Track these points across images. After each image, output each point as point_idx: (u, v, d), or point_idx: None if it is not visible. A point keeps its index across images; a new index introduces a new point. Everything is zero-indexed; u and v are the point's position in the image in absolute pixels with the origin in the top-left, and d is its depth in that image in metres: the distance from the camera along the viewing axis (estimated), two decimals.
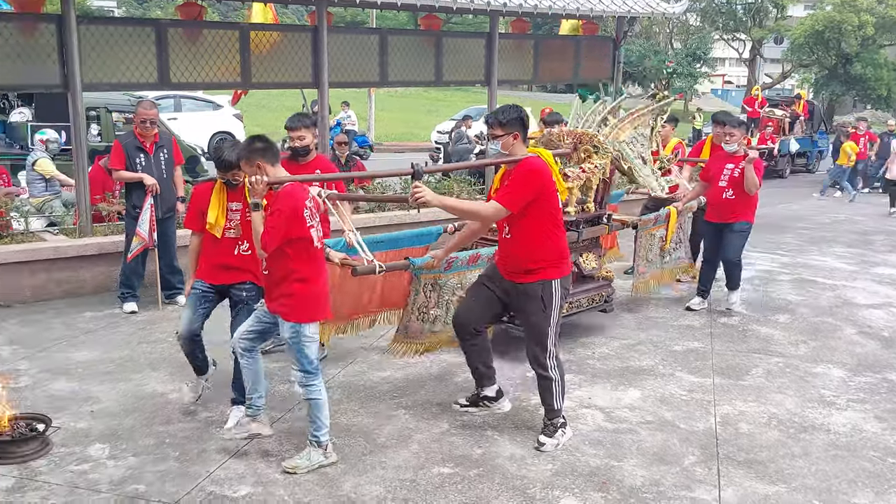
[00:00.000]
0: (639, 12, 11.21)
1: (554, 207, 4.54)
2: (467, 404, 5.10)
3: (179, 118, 17.68)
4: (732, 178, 7.01)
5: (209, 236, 4.73)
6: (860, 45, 38.79)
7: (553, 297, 4.54)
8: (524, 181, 4.39)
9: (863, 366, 6.14)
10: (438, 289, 5.52)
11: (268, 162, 4.17)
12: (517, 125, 4.50)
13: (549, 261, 4.53)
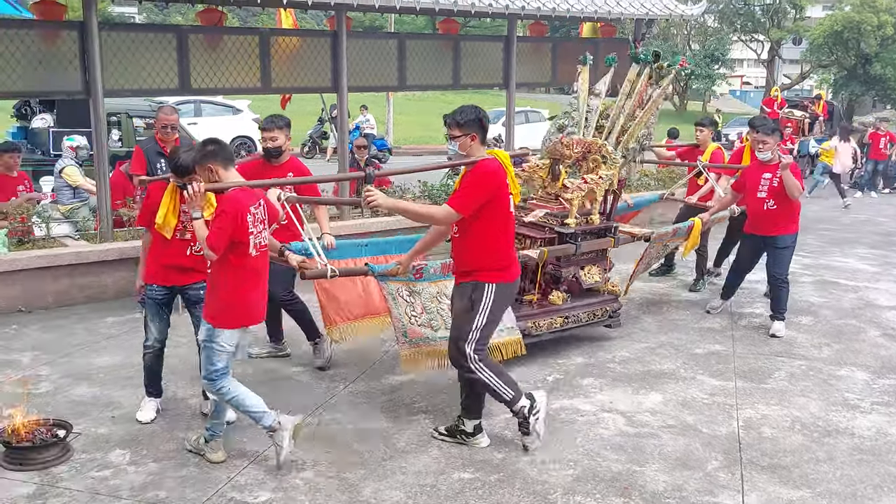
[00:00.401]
0: (657, 14, 11.17)
1: (505, 211, 4.48)
2: (444, 433, 4.81)
3: (199, 123, 17.82)
4: (772, 189, 6.57)
5: (159, 237, 4.66)
6: (879, 45, 38.41)
7: (483, 300, 4.45)
8: (476, 184, 4.36)
9: (887, 368, 6.07)
10: (417, 295, 5.32)
11: (220, 165, 4.24)
12: (475, 126, 4.45)
13: (488, 265, 4.47)
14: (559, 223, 6.14)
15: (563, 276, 6.22)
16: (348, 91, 8.91)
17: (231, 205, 4.13)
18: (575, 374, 5.84)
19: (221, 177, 4.25)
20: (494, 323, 4.63)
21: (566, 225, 6.10)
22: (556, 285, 6.26)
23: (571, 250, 6.08)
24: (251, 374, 5.70)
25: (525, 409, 4.58)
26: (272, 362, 5.98)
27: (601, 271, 6.45)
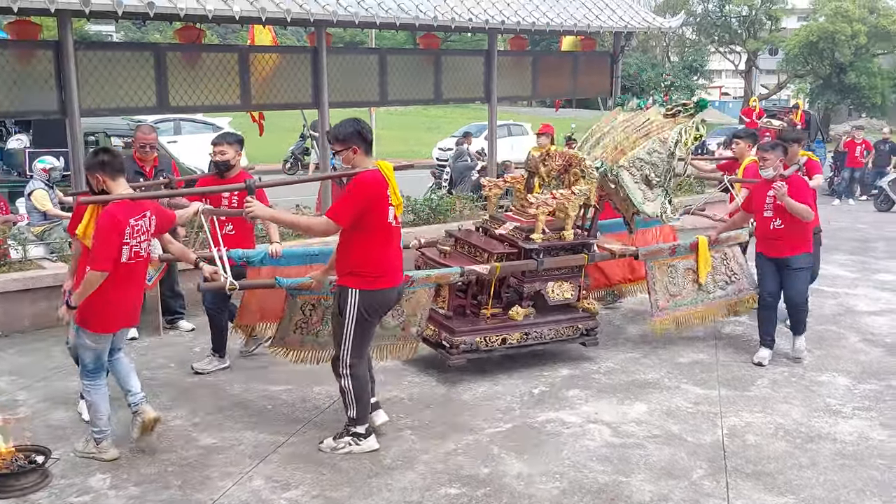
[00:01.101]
0: (635, 27, 11.28)
1: (381, 222, 4.53)
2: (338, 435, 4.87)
3: (179, 141, 17.72)
4: (777, 207, 6.12)
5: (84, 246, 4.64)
6: (853, 54, 38.98)
7: (349, 306, 4.53)
8: (353, 195, 4.47)
9: (867, 373, 6.12)
10: (322, 308, 5.32)
11: (108, 175, 4.38)
12: (355, 139, 4.54)
13: (356, 270, 4.54)
14: (524, 237, 6.00)
15: (526, 292, 6.02)
16: (329, 107, 8.91)
17: (104, 219, 4.29)
18: (560, 386, 5.84)
19: (109, 187, 4.39)
20: (367, 331, 4.69)
21: (530, 240, 5.95)
22: (520, 301, 6.08)
23: (532, 266, 5.92)
24: (235, 394, 5.66)
25: (360, 430, 4.74)
26: (256, 381, 5.93)
27: (574, 288, 6.19)
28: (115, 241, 4.30)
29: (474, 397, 5.62)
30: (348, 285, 4.55)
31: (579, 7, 10.91)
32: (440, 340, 5.91)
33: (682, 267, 6.61)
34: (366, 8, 8.57)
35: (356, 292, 4.52)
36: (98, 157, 4.42)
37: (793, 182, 6.17)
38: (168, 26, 8.56)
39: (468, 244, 6.26)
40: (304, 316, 5.34)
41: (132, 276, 4.52)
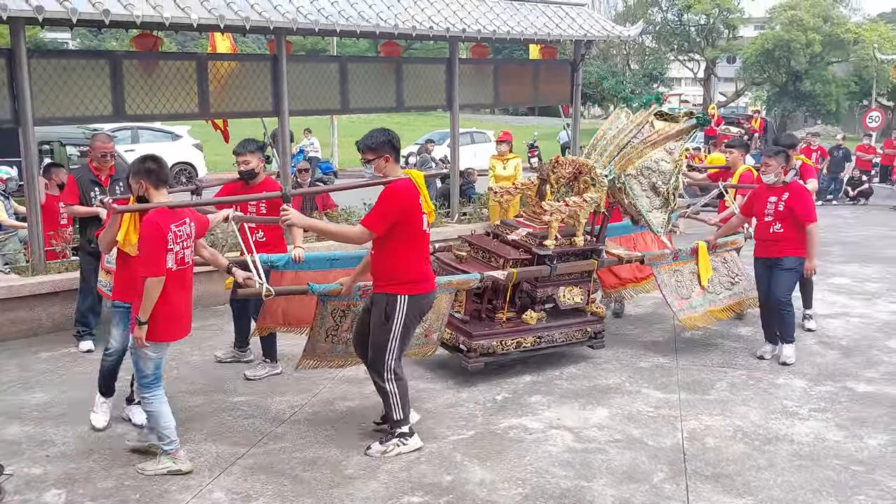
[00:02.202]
0: (595, 35, 11.39)
1: (416, 229, 4.66)
2: (382, 422, 5.10)
3: (137, 150, 17.47)
4: (778, 212, 6.39)
5: (121, 253, 4.79)
6: (808, 62, 39.88)
7: (396, 313, 4.65)
8: (387, 204, 4.55)
9: (823, 375, 6.23)
10: (352, 315, 5.37)
11: (152, 183, 4.46)
12: (386, 148, 4.67)
13: (400, 279, 4.65)
14: (538, 244, 6.14)
15: (539, 297, 6.19)
16: (290, 115, 8.86)
17: (148, 228, 4.35)
18: (523, 392, 5.85)
19: (150, 195, 4.46)
20: (410, 334, 4.83)
21: (543, 246, 6.09)
22: (533, 305, 6.24)
23: (546, 272, 6.06)
24: (196, 406, 5.58)
25: (404, 431, 4.85)
26: (218, 393, 5.85)
27: (583, 292, 6.37)
28: (160, 247, 4.35)
29: (437, 405, 5.61)
30: (397, 293, 4.65)
31: (539, 16, 10.99)
32: (458, 344, 6.00)
33: (688, 271, 6.82)
34: (326, 16, 8.54)
35: (404, 298, 4.64)
36: (145, 164, 4.48)
37: (794, 189, 6.46)
38: (126, 34, 8.40)
39: (483, 249, 6.37)
40: (334, 323, 5.39)
41: (182, 282, 4.56)
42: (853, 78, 42.44)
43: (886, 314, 7.98)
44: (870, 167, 18.19)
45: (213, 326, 7.53)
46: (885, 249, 11.60)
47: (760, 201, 6.57)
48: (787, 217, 6.36)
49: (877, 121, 21.98)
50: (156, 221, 4.36)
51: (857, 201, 17.57)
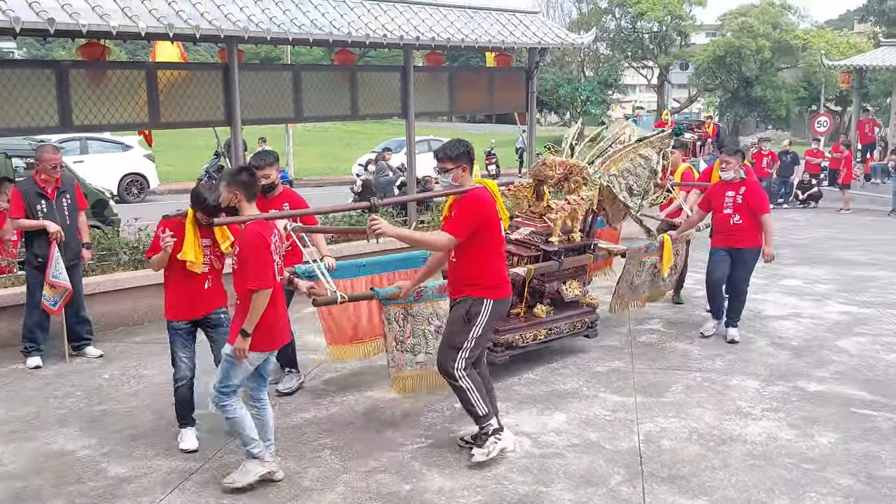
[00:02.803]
0: (549, 43, 11.47)
1: (496, 236, 4.83)
2: (471, 441, 4.99)
3: (86, 161, 17.15)
4: (736, 205, 7.08)
5: (175, 271, 4.85)
6: (759, 68, 40.70)
7: (479, 315, 4.74)
8: (469, 212, 4.70)
9: (775, 375, 6.33)
10: (412, 318, 5.55)
11: (245, 196, 4.46)
12: (465, 158, 4.85)
13: (484, 283, 4.78)
14: (543, 241, 6.47)
15: (547, 291, 6.54)
16: (242, 124, 8.75)
17: (255, 240, 4.37)
18: None
19: (242, 208, 4.47)
20: (486, 338, 4.94)
21: (550, 242, 6.42)
22: (540, 299, 6.57)
23: (555, 267, 6.42)
24: (148, 422, 5.47)
25: (491, 428, 4.80)
26: (171, 408, 5.72)
27: (581, 285, 6.78)
28: (269, 259, 4.39)
29: (395, 414, 5.58)
30: (482, 296, 4.77)
31: (493, 23, 11.05)
32: None
33: (649, 263, 7.47)
34: (278, 24, 8.46)
35: (490, 302, 4.78)
36: (241, 176, 4.50)
37: (749, 184, 7.17)
38: (72, 43, 8.22)
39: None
40: (399, 327, 5.51)
41: (281, 292, 4.63)
42: (802, 84, 43.46)
43: (836, 315, 8.15)
44: (818, 171, 18.63)
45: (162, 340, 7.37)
46: (834, 251, 11.88)
47: (718, 196, 7.23)
48: (744, 209, 7.05)
49: (825, 125, 22.51)
50: (260, 233, 4.39)
51: (808, 204, 17.98)
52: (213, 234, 4.88)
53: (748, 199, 7.07)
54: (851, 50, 35.89)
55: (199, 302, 4.94)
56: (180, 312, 4.95)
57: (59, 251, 6.50)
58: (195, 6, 7.97)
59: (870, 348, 7.01)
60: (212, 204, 4.68)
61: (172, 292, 4.95)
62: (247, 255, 4.36)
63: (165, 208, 6.21)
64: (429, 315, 5.63)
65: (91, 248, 7.24)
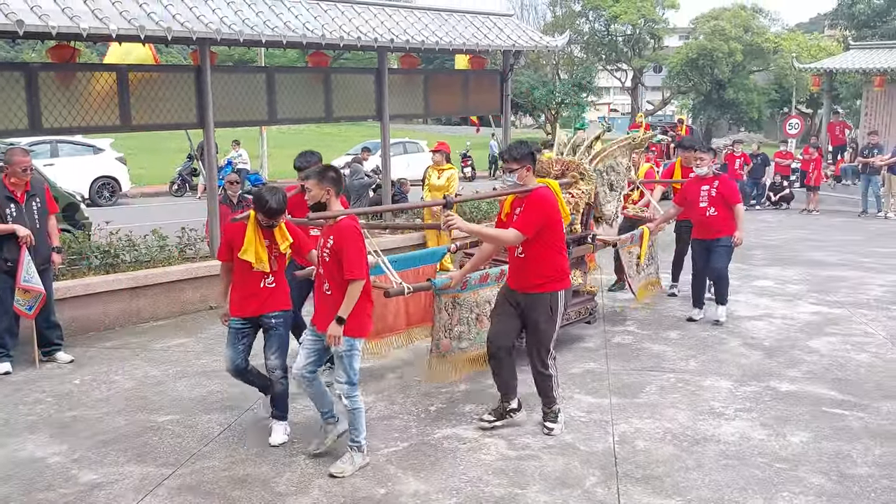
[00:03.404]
0: (523, 46, 11.51)
1: (559, 231, 5.18)
2: (494, 419, 5.37)
3: (57, 164, 16.93)
4: (711, 197, 7.70)
5: (241, 270, 5.05)
6: (731, 71, 41.17)
7: (558, 306, 5.17)
8: (537, 209, 5.01)
9: (748, 376, 6.39)
10: (458, 307, 5.86)
11: (334, 192, 4.70)
12: (529, 159, 5.17)
13: (554, 276, 5.14)
14: None
15: None
16: (215, 127, 8.68)
17: (356, 233, 4.63)
18: (457, 402, 5.84)
19: (331, 204, 4.69)
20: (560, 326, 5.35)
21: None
22: None
23: None
24: (119, 427, 5.40)
25: (558, 406, 5.35)
26: (141, 412, 5.68)
27: (582, 274, 7.21)
28: (363, 249, 4.68)
29: (370, 418, 5.54)
30: (557, 289, 5.14)
31: (468, 26, 11.07)
32: None
33: (634, 253, 8.04)
34: (251, 26, 8.41)
35: (561, 294, 5.17)
36: (330, 173, 4.74)
37: (722, 178, 7.85)
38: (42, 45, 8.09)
39: None
40: (447, 315, 5.81)
41: (369, 282, 4.81)
42: (773, 86, 44.04)
43: (807, 315, 8.25)
44: (788, 172, 18.85)
45: (133, 344, 7.32)
46: (805, 252, 12.02)
47: (693, 191, 7.82)
48: (719, 201, 7.66)
49: (796, 128, 22.80)
50: (354, 226, 4.65)
51: (780, 206, 18.19)
52: (272, 236, 5.04)
53: (722, 191, 7.66)
54: (822, 53, 36.43)
55: (254, 301, 5.07)
56: (235, 309, 5.13)
57: (29, 255, 6.41)
58: (167, 8, 7.90)
59: (840, 348, 7.10)
60: (274, 207, 4.85)
61: (233, 290, 5.16)
62: (342, 246, 4.56)
63: (137, 212, 6.16)
64: (471, 304, 5.94)
65: (61, 252, 7.16)
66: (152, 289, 8.08)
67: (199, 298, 8.46)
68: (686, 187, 8.05)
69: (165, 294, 8.20)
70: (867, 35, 30.70)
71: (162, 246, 8.56)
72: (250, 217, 4.99)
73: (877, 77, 20.39)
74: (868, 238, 13.63)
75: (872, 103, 21.33)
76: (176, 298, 8.29)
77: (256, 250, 4.95)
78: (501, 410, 5.40)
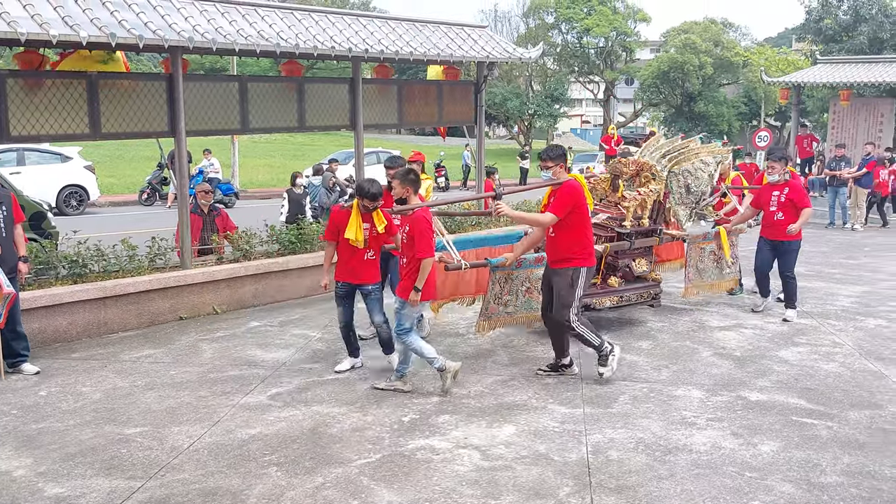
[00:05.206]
0: (497, 57, 11.57)
1: (585, 215, 6.33)
2: (547, 370, 6.66)
3: (24, 172, 16.67)
4: (780, 203, 8.46)
5: (345, 247, 6.40)
6: (702, 84, 41.72)
7: (579, 279, 6.29)
8: (566, 197, 6.21)
9: (719, 385, 6.45)
10: (511, 281, 7.13)
11: (412, 189, 6.12)
12: (562, 158, 6.45)
13: (578, 253, 6.28)
14: (618, 225, 7.99)
15: (620, 266, 8.10)
16: (187, 135, 8.60)
17: (427, 222, 6.02)
18: (431, 413, 5.82)
19: (409, 199, 6.11)
20: (581, 295, 6.39)
21: (623, 226, 7.91)
22: (614, 272, 8.10)
23: (626, 246, 7.92)
24: (87, 440, 5.30)
25: (607, 350, 6.42)
26: (109, 424, 5.58)
27: (648, 262, 8.23)
28: (431, 234, 6.03)
29: (343, 429, 5.52)
30: (577, 266, 6.28)
31: (442, 37, 11.10)
32: None
33: (709, 250, 8.80)
34: (224, 34, 8.36)
35: (583, 270, 6.31)
36: (410, 175, 6.12)
37: (792, 185, 8.56)
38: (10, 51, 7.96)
39: None
40: (500, 288, 7.10)
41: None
42: (743, 99, 44.69)
43: (777, 325, 8.35)
44: None
45: (101, 355, 7.21)
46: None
47: (766, 196, 8.63)
48: (787, 206, 8.40)
49: (765, 140, 23.12)
50: (425, 217, 6.03)
51: None
52: (371, 219, 6.37)
53: (791, 196, 8.42)
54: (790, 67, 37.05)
55: (359, 269, 6.45)
56: (341, 275, 6.50)
57: None
58: (139, 15, 7.83)
59: (809, 358, 7.19)
60: (374, 191, 6.26)
61: (340, 262, 6.49)
62: (416, 232, 5.92)
63: (106, 221, 6.07)
64: (523, 280, 7.19)
65: (28, 261, 7.04)
66: (121, 299, 7.97)
67: (169, 309, 8.36)
68: (760, 193, 8.89)
69: (134, 304, 8.09)
70: (834, 50, 31.27)
71: (131, 256, 8.45)
72: (353, 205, 6.32)
73: (843, 91, 20.77)
74: (835, 249, 13.85)
75: (839, 117, 21.71)
76: (145, 309, 8.18)
77: (356, 230, 6.26)
78: (556, 365, 6.64)
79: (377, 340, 6.89)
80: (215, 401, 6.02)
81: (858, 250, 13.75)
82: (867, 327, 8.29)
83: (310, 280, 9.61)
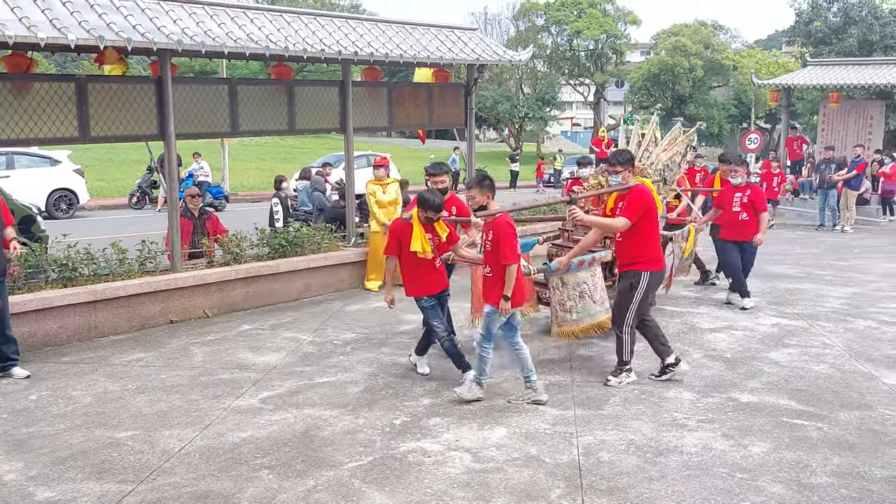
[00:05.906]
0: (487, 60, 11.58)
1: (654, 220, 6.38)
2: (658, 375, 6.58)
3: (13, 176, 16.61)
4: (743, 203, 9.02)
5: (409, 260, 6.24)
6: (692, 86, 41.90)
7: (640, 284, 6.30)
8: (638, 202, 6.25)
9: (710, 387, 6.47)
10: (565, 286, 7.04)
11: (491, 195, 6.07)
12: (630, 164, 6.63)
13: (645, 259, 6.32)
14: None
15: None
16: (176, 138, 8.57)
17: (511, 227, 5.86)
18: (422, 416, 5.82)
19: (489, 205, 6.04)
20: (646, 301, 6.43)
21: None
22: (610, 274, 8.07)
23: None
24: (78, 443, 5.28)
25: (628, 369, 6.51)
26: (100, 428, 5.56)
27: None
28: (515, 239, 5.84)
29: (334, 432, 5.51)
30: (641, 270, 6.31)
31: (432, 39, 11.11)
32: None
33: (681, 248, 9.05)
34: (213, 37, 8.34)
35: (647, 275, 6.32)
36: (487, 181, 6.10)
37: (753, 187, 9.18)
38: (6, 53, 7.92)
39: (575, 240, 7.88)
40: (559, 293, 7.07)
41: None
42: (733, 102, 44.90)
43: (767, 327, 8.38)
44: None
45: (92, 359, 7.18)
46: (765, 265, 12.18)
47: (728, 197, 9.13)
48: (749, 207, 8.96)
49: (755, 142, 23.25)
50: (508, 222, 5.87)
51: None
52: (433, 229, 6.26)
53: (752, 199, 8.96)
54: (780, 69, 37.25)
55: (433, 280, 6.35)
56: (424, 291, 6.32)
57: None
58: (127, 18, 7.81)
59: (799, 360, 7.22)
60: (438, 202, 6.17)
61: (409, 276, 6.33)
62: (500, 237, 5.77)
63: (96, 225, 6.04)
64: (574, 283, 7.05)
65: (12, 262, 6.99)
66: (111, 303, 7.94)
67: (160, 312, 8.34)
68: (722, 194, 9.33)
69: (125, 308, 8.06)
70: (824, 52, 31.45)
71: (121, 259, 8.42)
72: (413, 216, 6.18)
73: (833, 93, 20.89)
74: (825, 251, 13.91)
75: (829, 119, 21.83)
76: (136, 312, 8.15)
77: (421, 242, 6.14)
78: (662, 367, 6.58)
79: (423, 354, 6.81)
80: (206, 404, 6.01)
81: (848, 252, 13.82)
82: (857, 329, 8.33)
83: (300, 283, 9.60)
